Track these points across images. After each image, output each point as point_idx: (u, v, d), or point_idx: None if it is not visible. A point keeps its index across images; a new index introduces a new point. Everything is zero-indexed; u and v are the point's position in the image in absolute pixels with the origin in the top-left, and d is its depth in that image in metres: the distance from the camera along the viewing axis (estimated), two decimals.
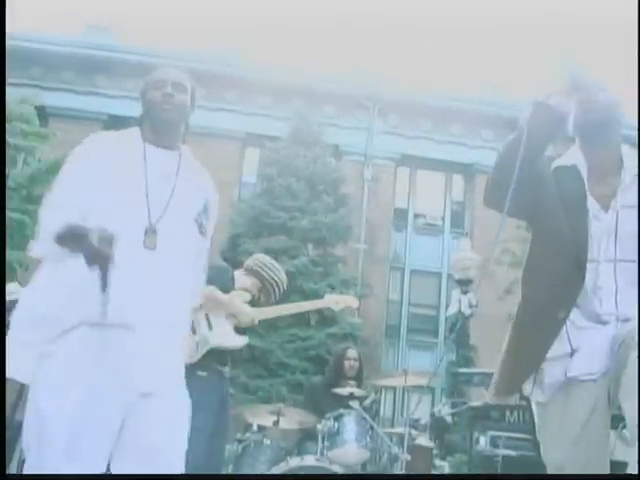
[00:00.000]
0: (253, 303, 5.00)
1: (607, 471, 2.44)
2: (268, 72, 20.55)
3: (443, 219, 22.71)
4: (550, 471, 2.50)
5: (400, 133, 21.71)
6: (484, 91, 22.32)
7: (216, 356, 4.74)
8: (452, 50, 51.04)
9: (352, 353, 6.57)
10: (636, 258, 2.54)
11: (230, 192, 18.60)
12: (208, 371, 4.65)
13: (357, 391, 5.92)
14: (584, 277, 2.57)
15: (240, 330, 4.88)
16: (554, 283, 2.60)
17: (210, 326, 4.74)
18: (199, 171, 2.82)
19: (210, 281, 3.26)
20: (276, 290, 5.10)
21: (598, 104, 2.57)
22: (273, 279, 5.09)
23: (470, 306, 13.62)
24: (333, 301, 5.65)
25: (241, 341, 4.88)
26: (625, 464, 2.25)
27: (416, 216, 22.62)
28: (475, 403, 6.56)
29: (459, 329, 13.99)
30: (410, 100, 21.26)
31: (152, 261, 2.49)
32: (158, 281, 2.50)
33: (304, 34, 49.22)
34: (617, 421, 2.54)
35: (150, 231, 2.50)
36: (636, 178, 2.61)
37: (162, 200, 2.56)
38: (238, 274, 5.08)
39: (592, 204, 2.62)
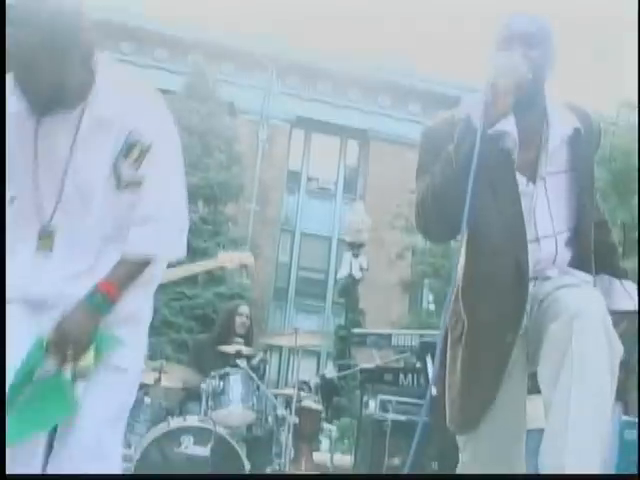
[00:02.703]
0: None
1: (523, 435, 2.28)
2: (166, 24, 19.80)
3: (336, 184, 22.74)
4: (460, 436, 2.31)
5: (297, 95, 21.48)
6: (382, 57, 22.29)
7: None
8: (354, 16, 50.96)
9: (244, 309, 6.27)
10: (572, 227, 2.29)
11: None
12: None
13: (245, 349, 5.65)
14: (527, 287, 2.21)
15: None
16: (495, 301, 2.22)
17: None
18: (121, 103, 2.15)
19: None
20: None
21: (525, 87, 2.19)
22: None
23: (361, 269, 13.68)
24: (227, 259, 5.35)
25: None
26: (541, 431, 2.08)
27: (309, 179, 22.58)
28: (367, 365, 6.43)
29: (348, 292, 14.01)
30: (309, 62, 21.02)
31: (52, 264, 2.12)
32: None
33: None
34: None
35: (44, 232, 2.10)
36: (564, 141, 2.28)
37: (56, 180, 2.09)
38: None
39: (519, 179, 2.26)
